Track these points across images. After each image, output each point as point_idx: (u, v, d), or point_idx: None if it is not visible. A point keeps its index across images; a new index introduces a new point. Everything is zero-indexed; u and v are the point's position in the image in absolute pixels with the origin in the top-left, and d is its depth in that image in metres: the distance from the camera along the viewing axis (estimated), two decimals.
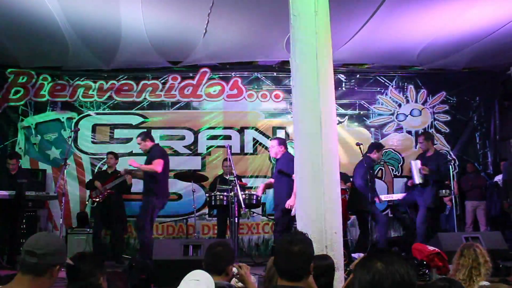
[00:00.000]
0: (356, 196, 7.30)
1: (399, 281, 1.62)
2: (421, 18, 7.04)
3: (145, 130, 8.49)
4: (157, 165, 6.79)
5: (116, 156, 8.01)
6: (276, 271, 2.65)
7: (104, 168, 8.38)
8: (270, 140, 7.97)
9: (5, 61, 8.73)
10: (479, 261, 3.33)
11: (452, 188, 7.38)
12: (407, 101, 9.57)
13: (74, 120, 8.98)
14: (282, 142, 6.81)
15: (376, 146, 7.72)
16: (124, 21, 6.98)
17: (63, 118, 8.99)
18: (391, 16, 6.91)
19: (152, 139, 7.28)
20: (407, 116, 9.53)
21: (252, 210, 8.12)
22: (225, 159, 7.92)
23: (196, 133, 9.13)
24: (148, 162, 6.99)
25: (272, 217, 8.04)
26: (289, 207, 6.11)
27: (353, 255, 6.14)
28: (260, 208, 8.33)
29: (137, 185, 7.74)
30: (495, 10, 6.74)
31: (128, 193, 7.99)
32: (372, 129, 9.47)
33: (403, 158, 9.32)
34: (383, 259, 1.66)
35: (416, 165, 7.51)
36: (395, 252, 5.26)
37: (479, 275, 3.27)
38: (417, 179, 7.45)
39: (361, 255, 3.57)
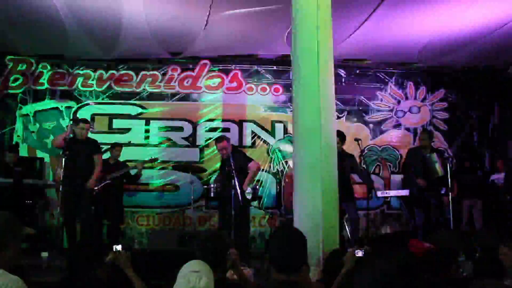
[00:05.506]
0: None
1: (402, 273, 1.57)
2: (422, 15, 7.01)
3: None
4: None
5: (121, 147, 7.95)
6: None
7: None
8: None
9: (5, 48, 8.66)
10: None
11: (449, 187, 7.28)
12: (406, 98, 9.57)
13: (73, 109, 8.96)
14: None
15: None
16: (125, 10, 6.95)
17: (62, 106, 8.97)
18: (392, 12, 6.89)
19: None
20: (406, 112, 9.53)
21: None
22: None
23: (194, 125, 9.13)
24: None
25: (269, 211, 8.07)
26: None
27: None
28: (257, 201, 8.32)
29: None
30: (496, 9, 6.74)
31: (136, 184, 8.20)
32: (371, 125, 9.47)
33: (401, 155, 9.30)
34: (383, 256, 1.63)
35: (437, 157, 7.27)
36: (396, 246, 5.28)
37: None
38: (440, 171, 7.18)
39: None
